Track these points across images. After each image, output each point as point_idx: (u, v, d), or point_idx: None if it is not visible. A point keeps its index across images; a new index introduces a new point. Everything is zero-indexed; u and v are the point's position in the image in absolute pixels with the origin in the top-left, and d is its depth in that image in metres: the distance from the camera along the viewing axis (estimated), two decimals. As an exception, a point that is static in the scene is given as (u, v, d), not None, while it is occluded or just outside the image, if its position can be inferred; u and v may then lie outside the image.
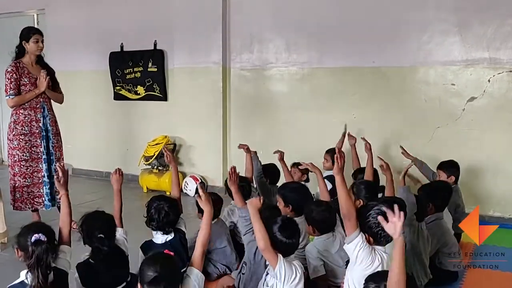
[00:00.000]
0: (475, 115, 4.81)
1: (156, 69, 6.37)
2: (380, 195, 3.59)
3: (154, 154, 6.05)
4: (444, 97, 4.96)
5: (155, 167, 6.16)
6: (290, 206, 3.33)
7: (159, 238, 3.07)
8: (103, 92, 6.82)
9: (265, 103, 5.89)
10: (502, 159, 4.76)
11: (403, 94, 5.14)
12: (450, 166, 4.13)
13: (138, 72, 6.50)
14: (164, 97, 6.43)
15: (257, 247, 2.73)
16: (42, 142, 4.45)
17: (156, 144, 6.11)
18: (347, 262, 2.61)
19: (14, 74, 4.30)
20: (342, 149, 4.82)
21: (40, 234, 2.29)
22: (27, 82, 4.35)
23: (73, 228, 4.38)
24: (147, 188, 6.24)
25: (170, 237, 3.06)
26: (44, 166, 4.47)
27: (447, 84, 4.93)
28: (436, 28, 4.91)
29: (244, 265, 2.95)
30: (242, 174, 4.29)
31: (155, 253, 2.28)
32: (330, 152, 4.80)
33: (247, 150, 4.30)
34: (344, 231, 3.05)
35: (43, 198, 4.50)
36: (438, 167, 4.18)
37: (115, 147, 6.88)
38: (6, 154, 8.00)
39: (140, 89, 6.56)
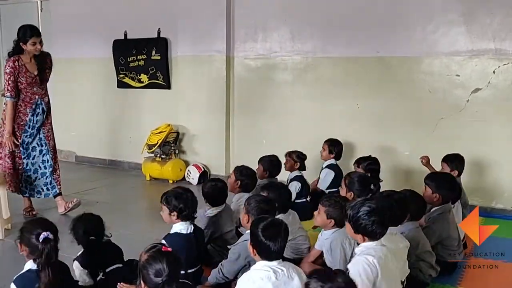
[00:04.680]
0: (479, 106, 4.78)
1: (159, 57, 6.35)
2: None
3: (157, 143, 6.06)
4: (449, 88, 4.93)
5: (158, 155, 6.17)
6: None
7: (184, 229, 3.05)
8: (107, 80, 6.81)
9: (269, 92, 5.86)
10: (506, 150, 4.73)
11: (407, 85, 5.11)
12: (454, 160, 4.12)
13: (142, 60, 6.49)
14: (168, 86, 6.42)
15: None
16: (22, 135, 4.45)
17: (159, 133, 6.11)
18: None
19: (12, 77, 4.29)
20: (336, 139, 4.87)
21: (48, 232, 2.30)
22: (24, 81, 4.35)
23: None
24: (150, 176, 6.25)
25: (192, 227, 3.08)
26: (22, 157, 4.49)
27: (452, 75, 4.90)
28: (441, 18, 4.86)
29: None
30: (244, 164, 4.29)
31: (156, 251, 2.14)
32: (327, 142, 4.85)
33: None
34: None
35: (21, 185, 4.55)
36: (443, 159, 4.18)
37: (118, 135, 6.88)
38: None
39: (144, 77, 6.55)
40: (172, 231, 3.06)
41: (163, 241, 2.92)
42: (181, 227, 3.04)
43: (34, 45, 4.32)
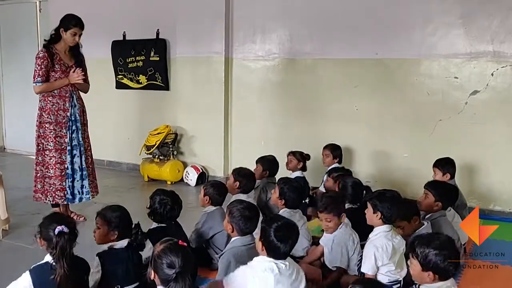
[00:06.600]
0: (478, 108, 4.79)
1: (158, 58, 6.35)
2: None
3: (156, 144, 6.05)
4: (447, 90, 4.93)
5: (156, 156, 6.16)
6: (283, 200, 3.53)
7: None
8: (105, 81, 6.80)
9: (267, 93, 5.87)
10: (504, 153, 4.74)
11: (406, 87, 5.12)
12: (446, 164, 4.16)
13: (140, 61, 6.49)
14: (166, 87, 6.42)
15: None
16: (68, 132, 4.21)
17: (158, 134, 6.10)
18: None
19: (45, 61, 4.08)
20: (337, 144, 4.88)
21: (63, 226, 2.36)
22: (58, 69, 4.15)
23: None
24: (148, 177, 6.25)
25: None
26: (68, 158, 4.20)
27: (450, 77, 4.91)
28: (440, 20, 4.88)
29: None
30: (242, 165, 4.29)
31: (173, 243, 2.16)
32: (329, 147, 4.84)
33: None
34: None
35: (65, 192, 4.21)
36: (434, 165, 4.21)
37: (117, 136, 6.87)
38: (8, 141, 8.16)
39: (142, 78, 6.55)
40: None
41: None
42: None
43: (74, 35, 4.18)
